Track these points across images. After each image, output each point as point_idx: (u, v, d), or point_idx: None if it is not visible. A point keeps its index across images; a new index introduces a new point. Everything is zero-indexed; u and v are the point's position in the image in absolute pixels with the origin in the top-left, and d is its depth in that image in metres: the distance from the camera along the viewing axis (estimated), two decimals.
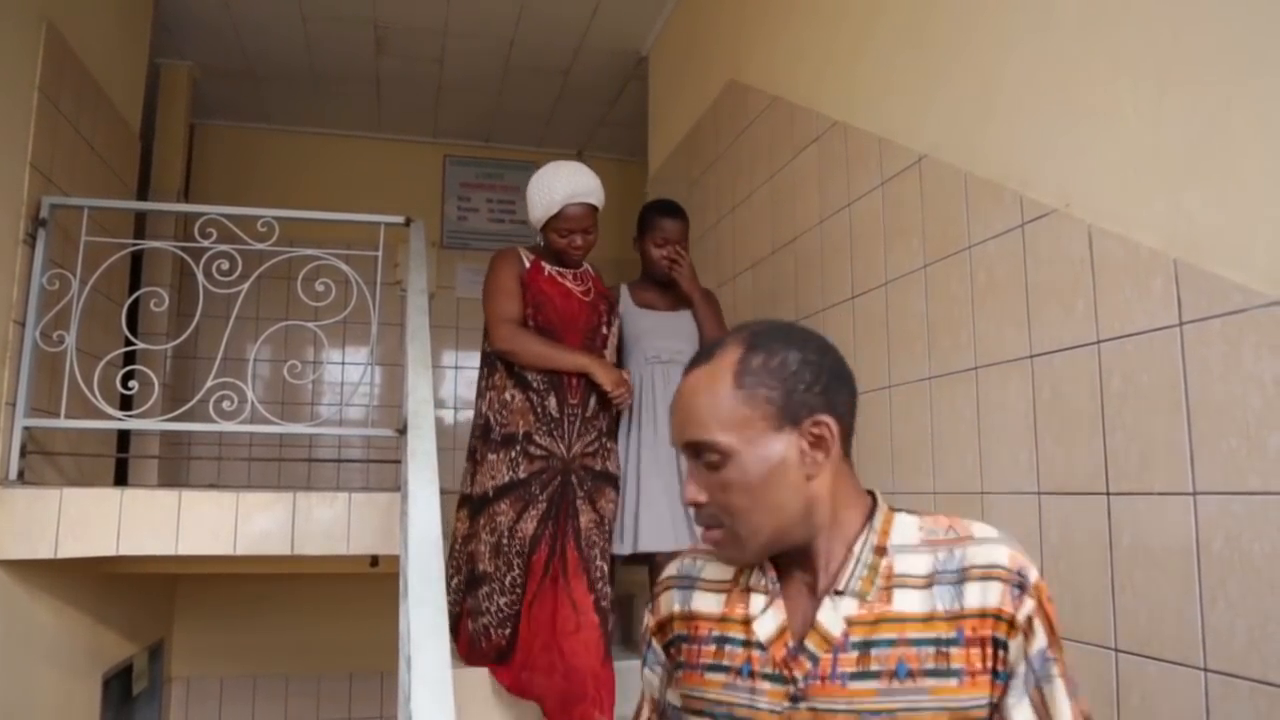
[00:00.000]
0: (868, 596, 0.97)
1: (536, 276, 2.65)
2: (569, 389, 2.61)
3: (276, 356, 5.22)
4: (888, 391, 2.51)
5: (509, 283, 2.63)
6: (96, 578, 3.54)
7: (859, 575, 0.98)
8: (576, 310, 2.66)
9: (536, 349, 2.58)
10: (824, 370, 1.00)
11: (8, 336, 2.91)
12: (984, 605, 0.93)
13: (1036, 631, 0.93)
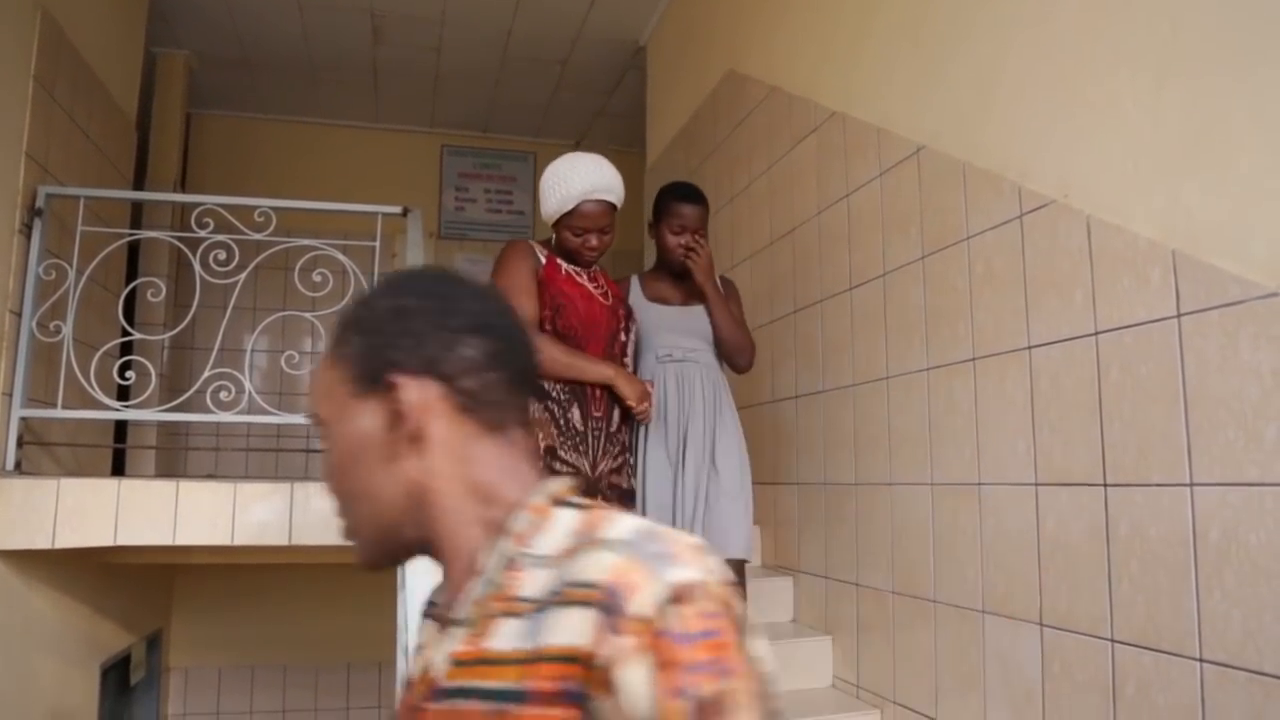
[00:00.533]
0: (474, 627, 0.70)
1: (554, 275, 2.38)
2: (592, 400, 2.36)
3: (274, 347, 5.22)
4: (885, 383, 2.51)
5: (524, 280, 2.34)
6: (94, 568, 3.54)
7: (476, 597, 0.72)
8: (599, 314, 2.40)
9: (561, 358, 2.30)
10: (421, 316, 0.76)
11: (4, 327, 2.91)
12: (566, 643, 0.63)
13: (630, 685, 0.59)
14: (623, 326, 2.49)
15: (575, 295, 2.37)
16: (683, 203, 2.64)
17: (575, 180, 2.30)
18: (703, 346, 2.62)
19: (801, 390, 3.04)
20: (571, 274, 2.41)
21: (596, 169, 2.33)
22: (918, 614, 2.34)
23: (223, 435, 5.31)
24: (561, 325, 2.35)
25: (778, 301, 3.23)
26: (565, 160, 2.37)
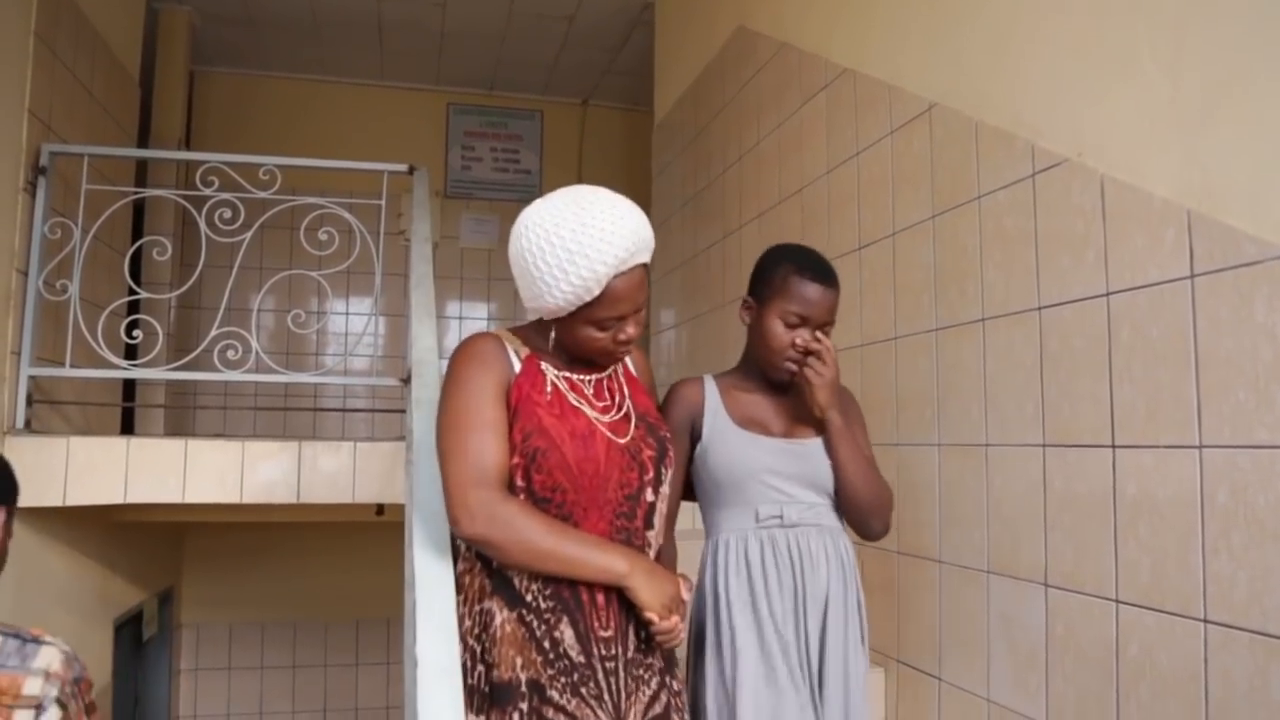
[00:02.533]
0: None
1: (533, 394, 1.51)
2: (593, 612, 1.49)
3: (280, 306, 5.21)
4: (893, 343, 2.50)
5: (485, 404, 1.48)
6: (106, 526, 3.57)
7: None
8: (603, 458, 1.51)
9: (534, 540, 1.42)
10: None
11: (10, 285, 2.91)
12: None
13: None
14: (649, 478, 1.56)
15: (564, 431, 1.50)
16: (808, 281, 1.76)
17: (602, 249, 1.41)
18: (822, 502, 1.81)
19: None
20: (563, 389, 1.55)
21: (626, 222, 1.43)
22: (923, 574, 2.35)
23: (230, 394, 5.33)
24: (540, 483, 1.47)
25: None
26: (568, 216, 1.43)
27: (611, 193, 1.48)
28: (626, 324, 1.51)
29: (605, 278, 1.42)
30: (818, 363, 1.76)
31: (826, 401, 1.76)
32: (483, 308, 5.98)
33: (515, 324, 1.68)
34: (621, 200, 1.47)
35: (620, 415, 1.58)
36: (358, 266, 3.42)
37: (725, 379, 1.89)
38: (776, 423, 1.83)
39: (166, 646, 5.04)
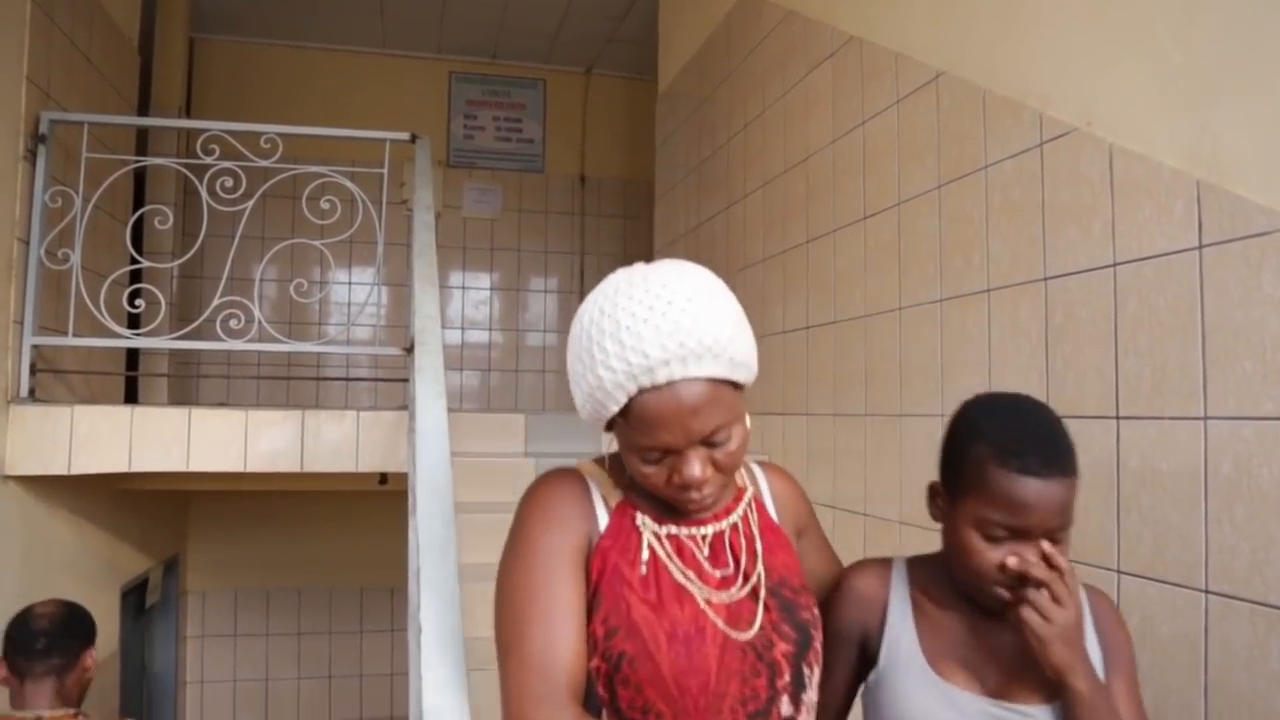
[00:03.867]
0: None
1: (623, 565, 1.11)
2: None
3: (283, 276, 5.20)
4: (898, 314, 2.49)
5: (556, 581, 1.09)
6: (111, 494, 3.59)
7: None
8: (714, 666, 1.08)
9: None
10: None
11: (12, 254, 2.90)
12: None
13: None
14: (785, 684, 1.11)
15: (661, 631, 1.07)
16: (1016, 476, 1.15)
17: (611, 348, 1.03)
18: None
19: (813, 321, 3.02)
20: (665, 555, 1.13)
21: (660, 318, 1.02)
22: (925, 545, 2.35)
23: (233, 364, 5.34)
24: (627, 700, 1.07)
25: (790, 231, 3.19)
26: (602, 297, 1.08)
27: (679, 274, 1.05)
28: (686, 461, 1.05)
29: (623, 389, 1.02)
30: (1045, 600, 1.11)
31: (1062, 662, 1.11)
32: (485, 278, 5.96)
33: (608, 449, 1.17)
34: (679, 287, 1.03)
35: (745, 590, 1.13)
36: (360, 236, 3.41)
37: (922, 571, 1.29)
38: (988, 670, 1.20)
39: (173, 613, 5.09)
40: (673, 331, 1.01)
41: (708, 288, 1.06)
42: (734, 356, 1.04)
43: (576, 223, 6.03)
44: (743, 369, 1.07)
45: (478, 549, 1.50)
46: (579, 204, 6.04)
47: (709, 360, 1.02)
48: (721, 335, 1.02)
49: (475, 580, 1.42)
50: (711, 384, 1.03)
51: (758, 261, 3.48)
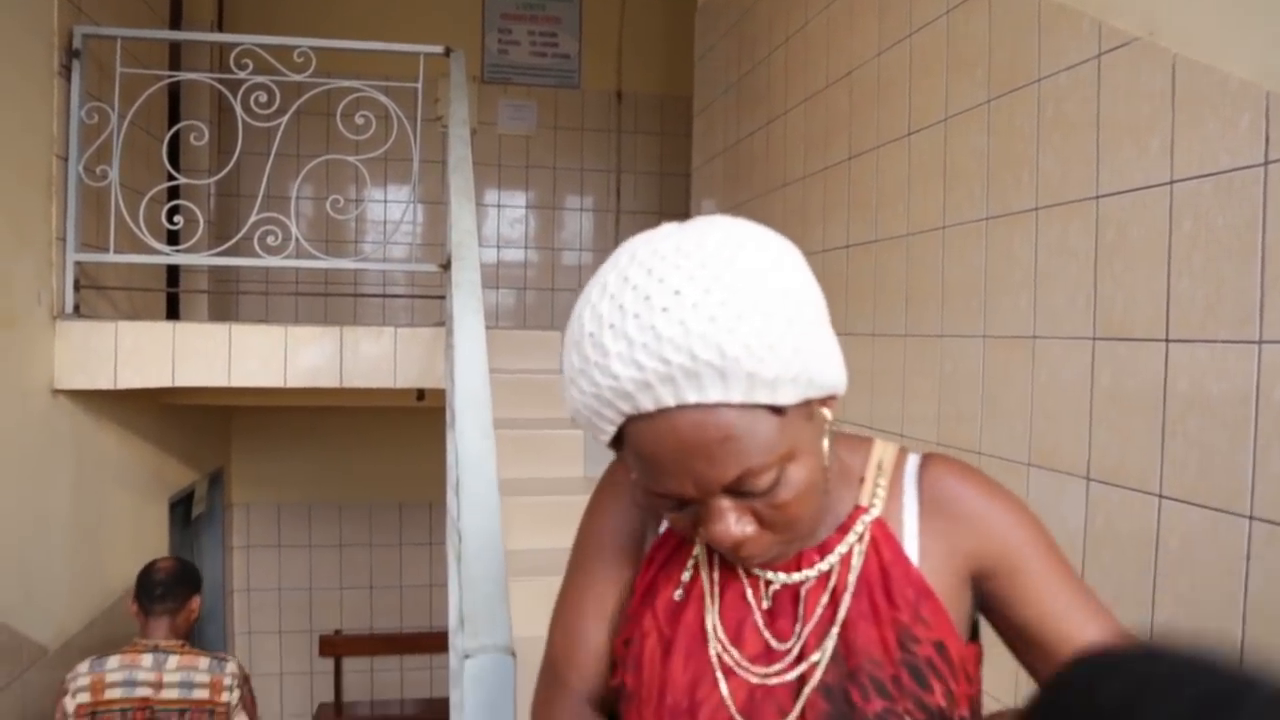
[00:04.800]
0: None
1: (661, 579, 0.90)
2: None
3: (319, 194, 5.20)
4: (941, 233, 2.44)
5: (597, 570, 0.94)
6: (157, 409, 3.67)
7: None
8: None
9: None
10: None
11: (52, 171, 2.91)
12: None
13: None
14: None
15: (663, 662, 0.86)
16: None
17: (586, 359, 0.74)
18: None
19: (853, 240, 2.97)
20: (710, 587, 0.88)
21: (646, 322, 0.70)
22: None
23: (272, 281, 5.38)
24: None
25: (832, 148, 3.12)
26: (593, 288, 0.76)
27: (695, 243, 0.72)
28: (710, 514, 0.76)
29: (603, 416, 0.74)
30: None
31: None
32: (521, 195, 5.92)
33: None
34: (676, 269, 0.70)
35: (792, 674, 0.82)
36: (395, 153, 3.38)
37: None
38: None
39: (219, 525, 5.24)
40: (649, 342, 0.69)
41: (727, 266, 0.70)
42: (761, 373, 0.69)
43: (613, 140, 5.94)
44: (788, 387, 0.71)
45: (513, 464, 1.51)
46: (615, 120, 5.93)
47: (713, 381, 0.69)
48: (733, 344, 0.68)
49: (511, 494, 1.43)
50: (726, 413, 0.70)
51: (797, 179, 3.42)
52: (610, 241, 5.91)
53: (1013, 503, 0.89)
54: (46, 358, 2.82)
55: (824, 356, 0.74)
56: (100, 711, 2.45)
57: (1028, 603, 0.86)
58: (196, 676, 2.52)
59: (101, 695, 2.46)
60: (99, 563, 3.24)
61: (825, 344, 0.75)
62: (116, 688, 2.47)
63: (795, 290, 0.73)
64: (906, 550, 0.85)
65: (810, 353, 0.72)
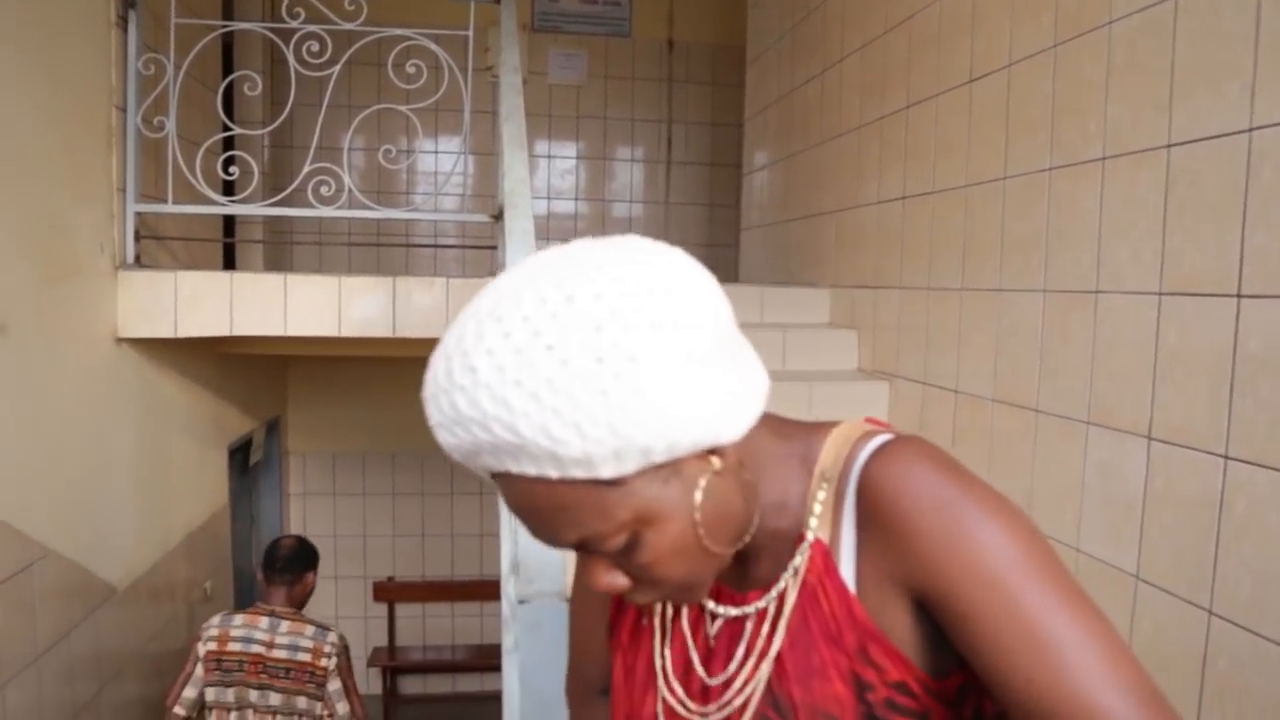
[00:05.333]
0: None
1: (623, 609, 0.91)
2: None
3: (370, 145, 5.22)
4: (1002, 184, 2.37)
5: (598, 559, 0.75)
6: (216, 358, 3.74)
7: None
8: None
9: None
10: None
11: (111, 123, 2.95)
12: None
13: None
14: None
15: (622, 690, 0.88)
16: None
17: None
18: None
19: (910, 191, 2.90)
20: (660, 620, 0.86)
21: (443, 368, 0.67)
22: (1018, 422, 2.30)
23: (325, 232, 5.43)
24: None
25: (889, 96, 3.04)
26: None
27: (522, 286, 0.65)
28: (583, 562, 0.77)
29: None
30: None
31: None
32: (571, 146, 5.88)
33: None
34: (483, 326, 0.64)
35: (720, 713, 0.78)
36: (445, 104, 3.37)
37: None
38: None
39: (276, 472, 5.37)
40: (456, 419, 0.66)
41: (536, 333, 0.62)
42: (566, 455, 0.63)
43: (664, 90, 5.85)
44: (610, 463, 0.64)
45: None
46: (667, 70, 5.84)
47: (523, 459, 0.64)
48: (527, 428, 0.62)
49: None
50: (552, 484, 0.65)
51: (853, 129, 3.34)
52: (661, 193, 5.86)
53: (959, 512, 0.68)
54: (110, 307, 2.89)
55: (670, 419, 0.63)
56: (223, 660, 2.85)
57: (974, 651, 0.68)
58: (302, 642, 2.89)
59: (225, 646, 2.87)
60: (163, 507, 3.33)
61: (680, 403, 0.63)
62: (237, 642, 2.86)
63: (633, 346, 0.62)
64: (844, 575, 0.73)
65: (642, 423, 0.62)
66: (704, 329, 0.65)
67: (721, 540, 0.71)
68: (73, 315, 2.68)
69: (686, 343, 0.64)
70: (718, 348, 0.66)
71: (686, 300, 0.65)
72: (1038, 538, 0.69)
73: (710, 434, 0.66)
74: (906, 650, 0.72)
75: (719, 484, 0.69)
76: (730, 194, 5.68)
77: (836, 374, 3.17)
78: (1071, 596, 0.66)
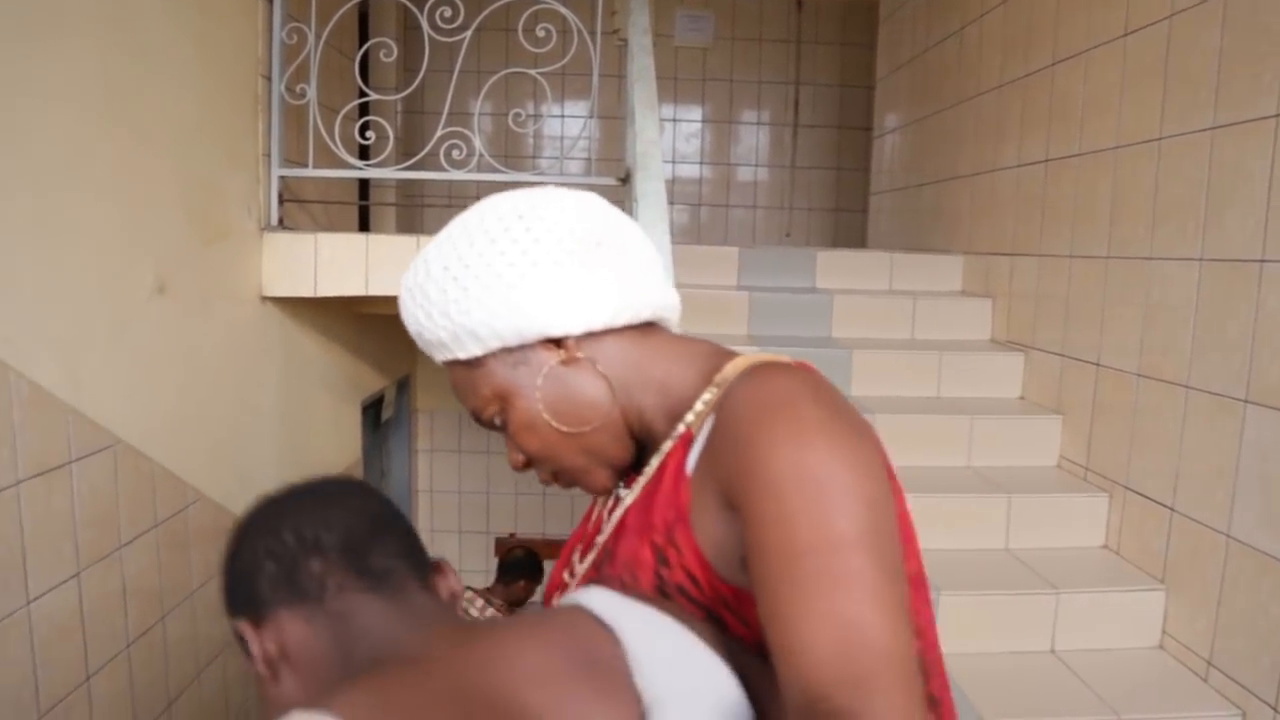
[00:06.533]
0: None
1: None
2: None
3: (498, 110, 5.29)
4: (1157, 145, 2.23)
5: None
6: (352, 317, 3.89)
7: None
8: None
9: None
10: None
11: (257, 91, 3.07)
12: None
13: None
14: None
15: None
16: None
17: None
18: None
19: (1053, 154, 2.76)
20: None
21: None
22: (1166, 399, 2.18)
23: (454, 195, 5.56)
24: None
25: (1034, 53, 2.89)
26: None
27: (448, 227, 0.91)
28: (506, 441, 0.91)
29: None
30: None
31: None
32: (696, 110, 5.82)
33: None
34: (419, 256, 0.91)
35: (582, 568, 0.92)
36: (573, 68, 3.38)
37: None
38: None
39: (405, 428, 5.57)
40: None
41: (435, 246, 0.87)
42: (432, 338, 0.86)
43: (792, 51, 5.72)
44: (465, 343, 0.84)
45: None
46: (795, 30, 5.70)
47: (425, 346, 0.90)
48: (411, 318, 0.89)
49: None
50: (448, 368, 0.89)
51: (992, 89, 3.19)
52: (788, 157, 5.75)
53: (777, 429, 0.70)
54: (255, 268, 3.03)
55: (505, 310, 0.81)
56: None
57: (746, 559, 0.71)
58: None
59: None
60: (302, 458, 3.50)
61: (509, 298, 0.81)
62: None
63: (467, 255, 0.83)
64: (689, 461, 0.80)
65: (478, 312, 0.82)
66: (541, 244, 0.81)
67: (566, 421, 0.84)
68: (223, 275, 2.82)
69: (518, 254, 0.81)
70: (561, 261, 0.81)
71: (532, 222, 0.83)
72: (857, 487, 0.68)
73: (536, 327, 0.82)
74: (708, 545, 0.76)
75: (562, 373, 0.83)
76: (858, 158, 5.53)
77: (968, 344, 3.06)
78: (850, 551, 0.65)
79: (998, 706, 1.94)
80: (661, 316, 0.89)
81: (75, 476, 1.97)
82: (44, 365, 1.83)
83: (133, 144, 2.23)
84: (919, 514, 2.39)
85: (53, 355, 1.91)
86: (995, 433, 2.68)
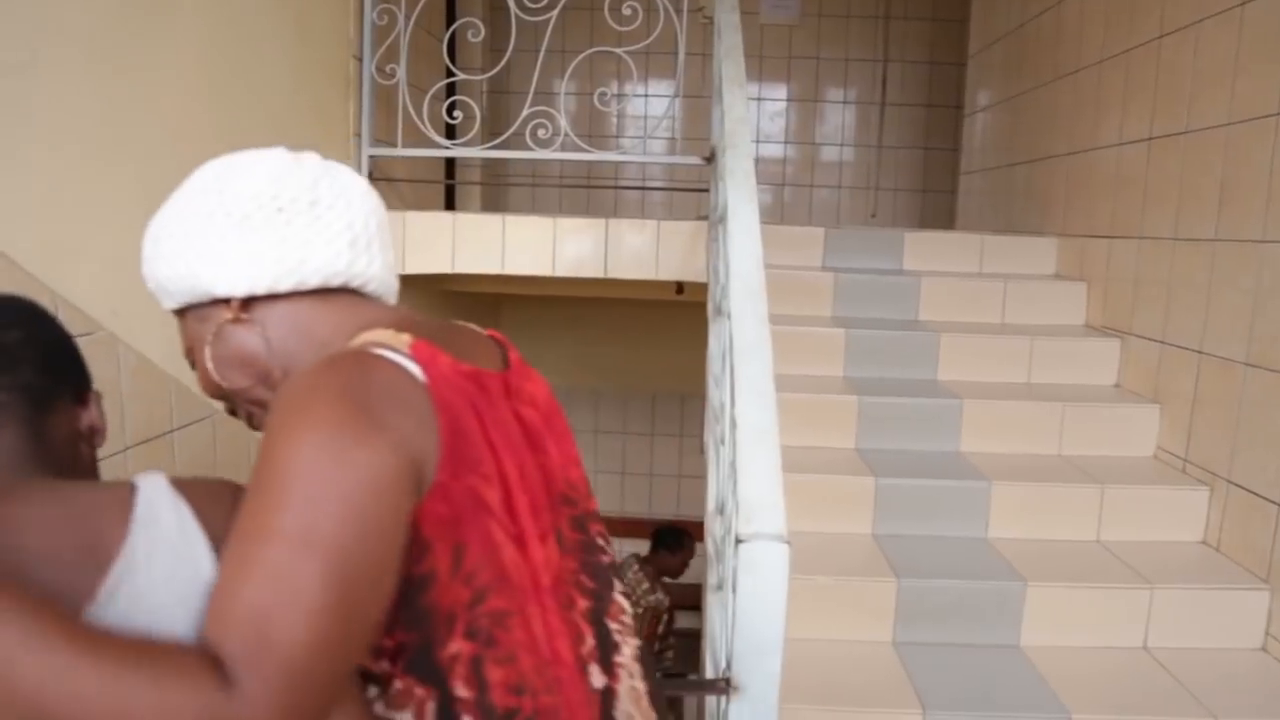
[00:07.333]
0: None
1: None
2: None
3: (583, 89, 5.30)
4: (1275, 120, 2.11)
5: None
6: (438, 294, 3.97)
7: None
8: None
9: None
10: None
11: (349, 72, 3.14)
12: None
13: None
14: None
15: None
16: None
17: None
18: None
19: (1157, 131, 2.64)
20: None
21: None
22: (1276, 389, 2.07)
23: (538, 174, 5.59)
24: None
25: (1138, 25, 2.76)
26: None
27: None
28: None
29: None
30: None
31: None
32: (782, 89, 5.74)
33: None
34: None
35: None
36: (657, 47, 3.36)
37: None
38: None
39: None
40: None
41: (176, 194, 0.93)
42: (150, 288, 0.95)
43: (880, 27, 5.59)
44: (163, 297, 0.94)
45: (779, 361, 1.48)
46: (884, 6, 5.57)
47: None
48: (143, 258, 0.94)
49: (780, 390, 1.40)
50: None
51: (1093, 63, 3.07)
52: (874, 136, 5.64)
53: (280, 431, 0.74)
54: None
55: (183, 268, 0.89)
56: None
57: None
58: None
59: None
60: None
61: (185, 257, 0.88)
62: None
63: (157, 222, 0.92)
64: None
65: (165, 269, 0.90)
66: (224, 207, 0.87)
67: (226, 377, 0.92)
68: None
69: (203, 216, 0.88)
70: (235, 224, 0.87)
71: (223, 185, 0.89)
72: (333, 491, 0.70)
73: (202, 286, 0.88)
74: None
75: (229, 331, 0.90)
76: (948, 137, 5.38)
77: (1061, 329, 2.97)
78: (284, 546, 0.68)
79: (1085, 702, 1.88)
80: (357, 285, 0.93)
81: (176, 444, 2.05)
82: (149, 337, 1.90)
83: (231, 123, 2.30)
84: (1006, 502, 2.31)
85: (157, 328, 1.99)
86: (1088, 421, 2.60)
